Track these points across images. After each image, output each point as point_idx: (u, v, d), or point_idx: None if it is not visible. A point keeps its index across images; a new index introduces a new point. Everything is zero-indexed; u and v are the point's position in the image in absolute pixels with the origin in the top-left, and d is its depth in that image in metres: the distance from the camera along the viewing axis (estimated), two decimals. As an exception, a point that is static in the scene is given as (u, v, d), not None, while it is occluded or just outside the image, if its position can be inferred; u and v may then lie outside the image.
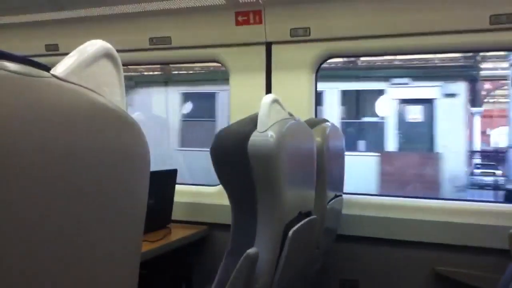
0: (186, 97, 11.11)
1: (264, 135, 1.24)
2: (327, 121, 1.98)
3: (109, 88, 0.60)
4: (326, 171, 1.78)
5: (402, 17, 2.09)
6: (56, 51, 2.54)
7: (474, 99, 11.62)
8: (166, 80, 11.12)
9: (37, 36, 2.60)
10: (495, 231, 1.96)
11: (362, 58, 9.33)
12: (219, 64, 2.46)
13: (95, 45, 0.60)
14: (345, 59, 8.81)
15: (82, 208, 0.55)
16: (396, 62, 9.93)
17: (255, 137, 1.24)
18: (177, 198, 2.37)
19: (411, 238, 2.12)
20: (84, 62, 0.57)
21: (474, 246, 2.02)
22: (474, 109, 11.91)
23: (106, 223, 0.60)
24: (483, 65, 10.80)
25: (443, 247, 2.07)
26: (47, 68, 0.51)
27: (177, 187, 2.40)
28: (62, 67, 0.54)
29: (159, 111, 11.11)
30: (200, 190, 2.57)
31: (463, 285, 2.02)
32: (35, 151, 0.47)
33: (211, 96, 10.61)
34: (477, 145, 12.85)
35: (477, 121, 12.35)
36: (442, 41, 2.08)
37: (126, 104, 0.65)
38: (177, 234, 2.22)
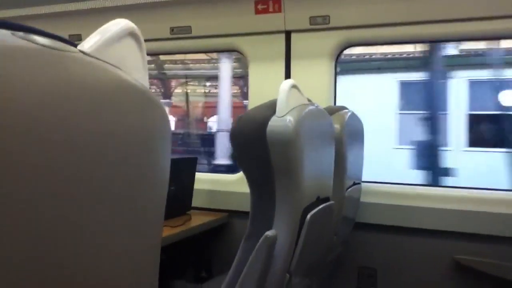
0: (405, 86, 9.25)
1: (283, 119, 1.25)
2: (346, 108, 1.98)
3: (133, 65, 0.61)
4: (345, 158, 1.78)
5: (422, 4, 2.07)
6: (80, 41, 2.59)
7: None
8: (379, 67, 9.32)
9: (60, 27, 2.66)
10: None
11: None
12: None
13: (119, 24, 0.61)
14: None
15: (102, 189, 0.55)
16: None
17: (274, 122, 1.25)
18: (197, 186, 2.41)
19: (430, 226, 2.11)
20: (109, 39, 0.58)
21: (495, 235, 1.99)
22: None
23: (128, 202, 0.60)
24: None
25: (463, 236, 2.06)
26: (74, 44, 0.53)
27: (197, 174, 2.43)
28: (88, 44, 0.55)
29: (374, 101, 8.80)
30: (220, 178, 2.60)
31: (484, 274, 2.01)
32: (60, 124, 0.48)
33: (439, 85, 8.16)
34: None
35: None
36: (463, 29, 2.04)
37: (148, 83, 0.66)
38: (197, 220, 2.25)
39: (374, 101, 8.85)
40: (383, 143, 8.38)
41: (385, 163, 6.60)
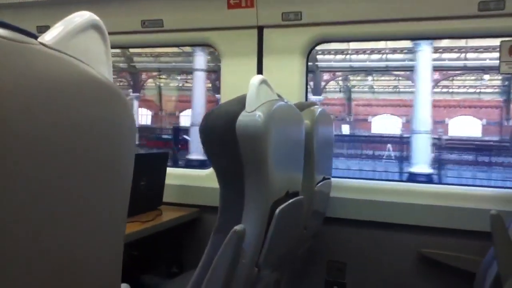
0: None
1: (252, 115, 1.26)
2: (316, 104, 2.00)
3: (96, 58, 0.61)
4: (314, 154, 1.80)
5: (394, 3, 2.11)
6: None
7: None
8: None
9: (28, 18, 2.59)
10: (478, 214, 2.00)
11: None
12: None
13: (83, 16, 0.60)
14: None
15: (67, 178, 0.54)
16: None
17: (243, 117, 1.26)
18: (168, 181, 2.39)
19: (398, 221, 2.16)
20: (71, 31, 0.57)
21: (458, 229, 2.06)
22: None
23: (91, 193, 0.60)
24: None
25: (428, 230, 2.12)
26: (34, 36, 0.52)
27: (168, 170, 2.42)
28: (49, 36, 0.54)
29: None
30: (191, 173, 2.59)
31: (447, 267, 2.07)
32: (21, 117, 0.47)
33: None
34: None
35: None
36: (432, 27, 2.10)
37: (112, 75, 0.66)
38: (168, 215, 2.24)
39: None
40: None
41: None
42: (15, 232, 0.48)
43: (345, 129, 19.24)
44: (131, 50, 15.50)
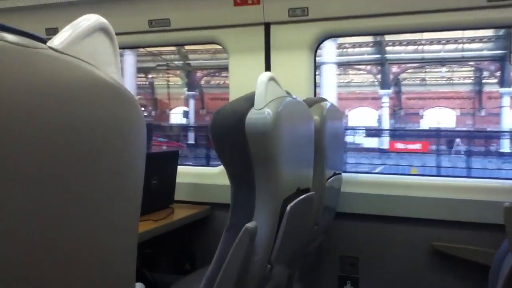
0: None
1: (261, 112, 1.26)
2: (326, 100, 1.99)
3: (104, 61, 0.61)
4: (325, 149, 1.80)
5: None
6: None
7: None
8: None
9: (37, 20, 2.61)
10: (491, 206, 1.98)
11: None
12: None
13: (90, 19, 0.61)
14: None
15: (79, 180, 0.55)
16: None
17: (252, 115, 1.26)
18: (179, 179, 2.41)
19: (409, 214, 2.15)
20: (79, 35, 0.57)
21: (470, 222, 2.05)
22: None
23: (101, 197, 0.60)
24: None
25: (440, 223, 2.11)
26: (43, 41, 0.53)
27: (179, 168, 2.43)
28: (58, 40, 0.55)
29: None
30: (202, 171, 2.60)
31: (460, 260, 2.06)
32: (31, 122, 0.48)
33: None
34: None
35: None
36: (440, 19, 2.08)
37: (121, 77, 0.66)
38: (180, 214, 2.26)
39: None
40: None
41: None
42: (29, 232, 0.48)
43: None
44: (187, 47, 15.19)
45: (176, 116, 20.38)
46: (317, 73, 2.39)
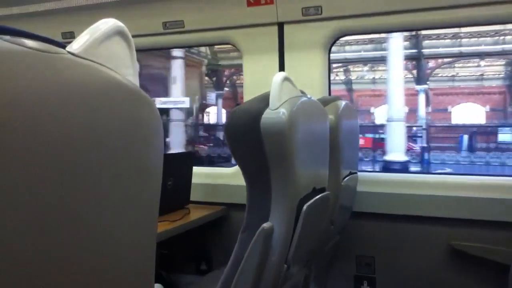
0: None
1: (276, 112, 1.26)
2: (340, 99, 1.98)
3: (122, 64, 0.62)
4: (340, 148, 1.79)
5: None
6: (73, 39, 2.59)
7: None
8: None
9: (53, 25, 2.65)
10: (510, 204, 1.95)
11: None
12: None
13: (107, 23, 0.62)
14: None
15: (96, 184, 0.56)
16: None
17: (267, 115, 1.26)
18: (195, 180, 2.42)
19: (426, 213, 2.13)
20: (97, 39, 0.58)
21: (488, 220, 2.02)
22: None
23: (121, 199, 0.61)
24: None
25: (458, 222, 2.08)
26: (63, 46, 0.54)
27: (195, 168, 2.44)
28: (77, 45, 0.56)
29: None
30: (217, 172, 2.61)
31: (479, 259, 2.03)
32: (51, 126, 0.48)
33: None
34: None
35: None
36: (454, 16, 2.05)
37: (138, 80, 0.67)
38: (196, 214, 2.27)
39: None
40: None
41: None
42: (47, 232, 0.49)
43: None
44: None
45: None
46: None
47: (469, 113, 19.10)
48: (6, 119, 0.42)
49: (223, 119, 19.37)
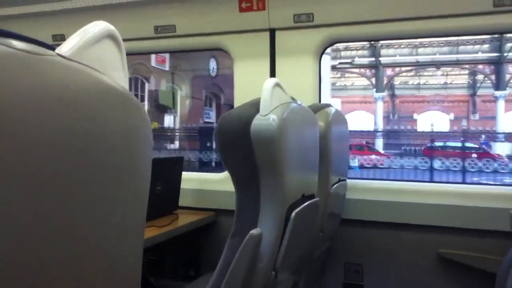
0: None
1: (266, 118, 1.26)
2: (331, 106, 1.99)
3: (112, 68, 0.62)
4: (329, 155, 1.80)
5: (405, 1, 2.09)
6: (63, 41, 2.57)
7: None
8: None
9: (43, 27, 2.63)
10: (499, 213, 1.97)
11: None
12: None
13: (98, 26, 0.61)
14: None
15: (85, 186, 0.55)
16: None
17: (257, 121, 1.26)
18: (184, 185, 2.41)
19: (415, 221, 2.14)
20: (87, 41, 0.58)
21: (477, 229, 2.03)
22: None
23: (107, 204, 0.60)
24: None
25: (446, 230, 2.09)
26: (52, 48, 0.53)
27: (184, 174, 2.43)
28: (66, 47, 0.55)
29: None
30: (207, 177, 2.60)
31: (467, 267, 2.04)
32: (39, 128, 0.48)
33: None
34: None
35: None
36: (445, 25, 2.07)
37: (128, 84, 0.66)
38: (185, 219, 2.25)
39: None
40: None
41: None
42: (33, 236, 0.48)
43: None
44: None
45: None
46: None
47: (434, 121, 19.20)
48: None
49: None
